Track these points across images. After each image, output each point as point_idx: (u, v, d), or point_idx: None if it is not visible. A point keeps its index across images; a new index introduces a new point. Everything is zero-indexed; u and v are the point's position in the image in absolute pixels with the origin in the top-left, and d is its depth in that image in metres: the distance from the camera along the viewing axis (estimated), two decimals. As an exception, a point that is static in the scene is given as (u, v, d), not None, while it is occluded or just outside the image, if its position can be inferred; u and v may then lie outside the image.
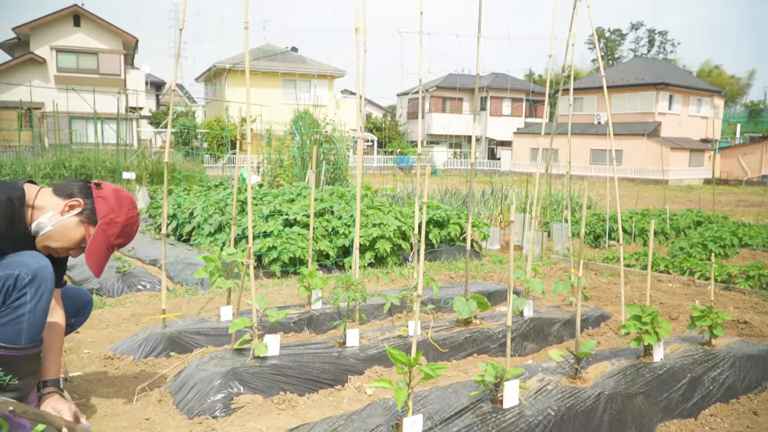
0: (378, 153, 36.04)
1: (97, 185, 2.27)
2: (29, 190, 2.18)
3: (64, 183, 2.28)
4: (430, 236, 6.50)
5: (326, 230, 6.02)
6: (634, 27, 64.61)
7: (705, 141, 34.25)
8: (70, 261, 3.43)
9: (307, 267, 3.94)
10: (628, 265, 6.45)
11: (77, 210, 2.19)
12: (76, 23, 29.95)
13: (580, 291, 2.86)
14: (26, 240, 2.16)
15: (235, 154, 12.70)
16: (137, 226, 2.36)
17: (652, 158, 29.45)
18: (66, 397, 2.27)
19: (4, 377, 2.02)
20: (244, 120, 3.88)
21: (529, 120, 40.82)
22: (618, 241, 4.15)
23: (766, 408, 2.91)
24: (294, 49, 36.41)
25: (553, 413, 2.37)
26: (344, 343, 3.16)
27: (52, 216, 2.16)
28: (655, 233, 8.41)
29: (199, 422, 2.46)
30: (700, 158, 32.71)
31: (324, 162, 9.79)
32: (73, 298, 2.55)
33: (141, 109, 31.43)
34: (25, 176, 10.93)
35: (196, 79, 37.29)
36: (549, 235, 7.78)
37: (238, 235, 5.75)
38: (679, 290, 5.47)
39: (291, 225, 6.02)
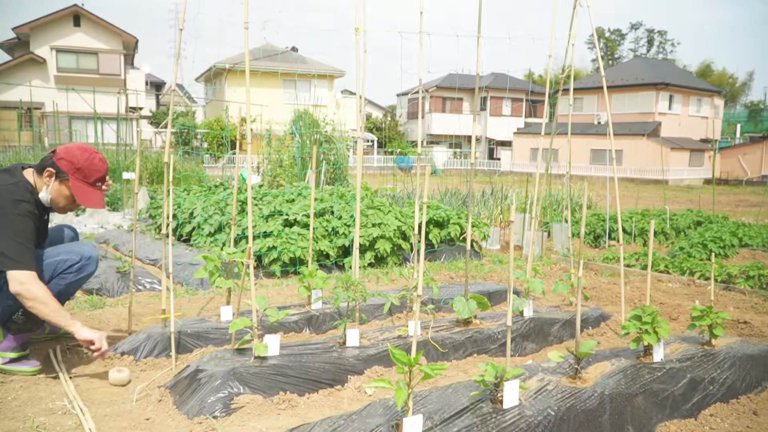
0: (378, 153, 36.07)
1: (53, 152, 2.95)
2: (27, 174, 2.92)
3: (39, 162, 2.95)
4: (430, 236, 6.50)
5: (326, 230, 6.02)
6: (634, 27, 64.71)
7: (705, 141, 34.26)
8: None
9: (307, 267, 3.94)
10: (628, 265, 6.45)
11: (53, 177, 2.92)
12: (76, 23, 29.99)
13: (580, 291, 2.86)
14: (44, 207, 2.99)
15: (235, 154, 12.69)
16: (98, 158, 3.00)
17: (652, 158, 29.47)
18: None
19: None
20: (244, 120, 3.89)
21: (529, 120, 40.83)
22: (618, 241, 4.15)
23: (766, 408, 2.91)
24: (294, 49, 36.41)
25: (553, 413, 2.37)
26: (344, 343, 3.16)
27: (45, 190, 2.92)
28: (655, 233, 8.41)
29: (199, 422, 2.46)
30: (700, 158, 32.71)
31: (324, 162, 9.77)
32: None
33: (141, 109, 31.43)
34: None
35: (196, 79, 37.29)
36: (549, 235, 7.77)
37: (238, 235, 5.75)
38: (679, 290, 5.47)
39: (291, 225, 6.01)
